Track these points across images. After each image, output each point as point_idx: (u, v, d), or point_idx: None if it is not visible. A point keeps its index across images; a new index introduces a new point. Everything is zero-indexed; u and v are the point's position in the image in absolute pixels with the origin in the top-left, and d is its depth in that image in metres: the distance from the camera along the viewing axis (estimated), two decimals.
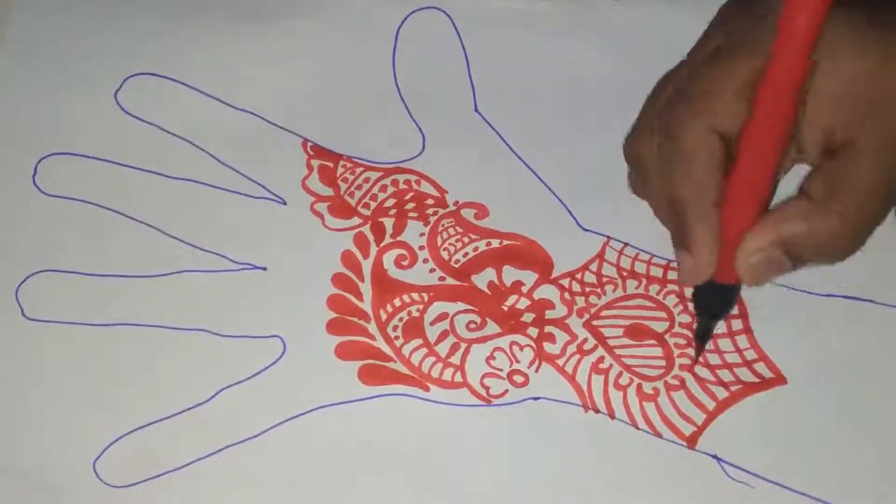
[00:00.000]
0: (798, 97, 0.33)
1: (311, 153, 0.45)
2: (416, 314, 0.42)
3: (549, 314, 0.42)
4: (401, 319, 0.42)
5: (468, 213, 0.44)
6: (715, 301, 0.38)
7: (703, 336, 0.40)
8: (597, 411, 0.41)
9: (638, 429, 0.40)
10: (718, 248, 0.35)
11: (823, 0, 0.31)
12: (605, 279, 0.42)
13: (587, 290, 0.42)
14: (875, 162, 0.34)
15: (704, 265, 0.35)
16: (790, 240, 0.35)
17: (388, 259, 0.43)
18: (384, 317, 0.42)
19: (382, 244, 0.43)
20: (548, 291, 0.42)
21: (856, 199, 0.34)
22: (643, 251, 0.42)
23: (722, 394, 0.40)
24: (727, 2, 0.38)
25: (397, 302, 0.42)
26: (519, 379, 0.41)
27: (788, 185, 0.36)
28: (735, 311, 0.41)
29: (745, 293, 0.41)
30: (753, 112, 0.33)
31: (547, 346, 0.41)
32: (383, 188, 0.44)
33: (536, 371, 0.41)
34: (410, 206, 0.44)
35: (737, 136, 0.34)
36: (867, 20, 0.34)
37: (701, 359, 0.41)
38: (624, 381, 0.41)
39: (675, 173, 0.35)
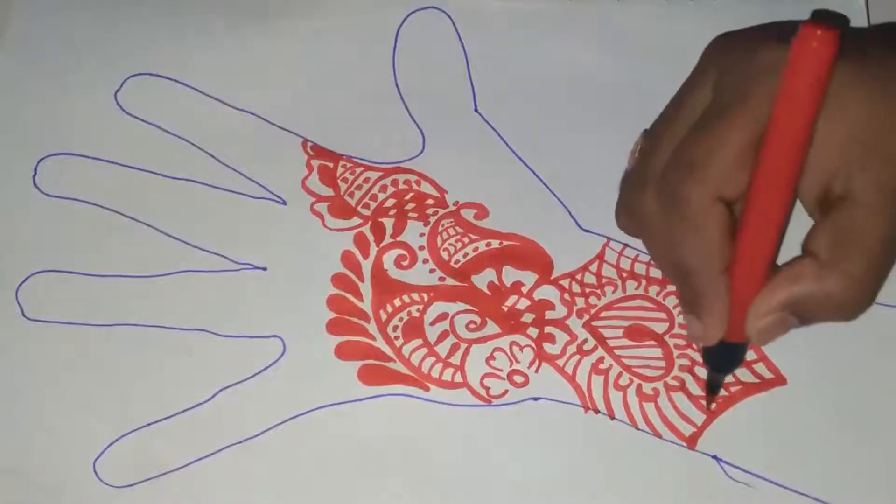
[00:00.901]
0: (802, 159, 0.32)
1: (311, 153, 0.45)
2: (416, 314, 0.42)
3: (548, 315, 0.42)
4: (401, 319, 0.42)
5: (468, 214, 0.44)
6: (724, 357, 0.38)
7: (713, 389, 0.40)
8: (597, 412, 0.41)
9: (638, 429, 0.40)
10: (728, 316, 0.35)
11: (831, 55, 0.30)
12: (604, 280, 0.42)
13: (587, 290, 0.42)
14: (877, 216, 0.33)
15: (714, 332, 0.36)
16: (799, 302, 0.34)
17: (388, 259, 0.43)
18: (384, 317, 0.42)
19: (382, 244, 0.43)
20: (548, 292, 0.42)
21: (863, 256, 0.33)
22: (643, 252, 0.42)
23: (722, 394, 0.40)
24: (711, 43, 0.37)
25: (397, 302, 0.42)
26: (519, 379, 0.41)
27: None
28: None
29: None
30: (756, 175, 0.32)
31: (547, 347, 0.41)
32: (383, 188, 0.44)
33: (536, 371, 0.41)
34: (410, 206, 0.44)
35: (740, 197, 0.34)
36: (868, 69, 0.34)
37: (701, 359, 0.41)
38: (624, 381, 0.41)
39: (682, 242, 0.34)
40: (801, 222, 0.35)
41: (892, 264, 0.35)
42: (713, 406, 0.40)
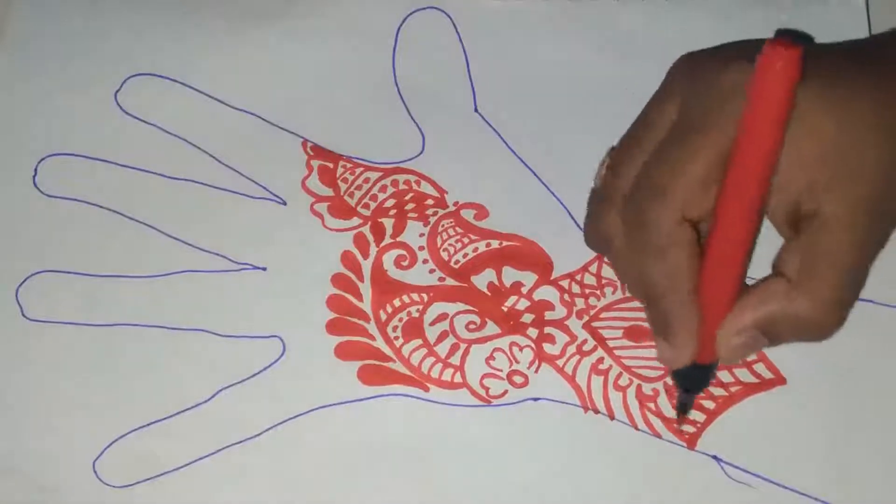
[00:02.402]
0: (768, 179, 0.32)
1: (311, 153, 0.45)
2: (415, 314, 0.42)
3: (548, 315, 0.42)
4: (400, 320, 0.42)
5: (468, 214, 0.44)
6: (694, 377, 0.37)
7: (683, 409, 0.39)
8: (596, 412, 0.40)
9: (638, 429, 0.40)
10: (697, 338, 0.35)
11: (795, 73, 0.30)
12: (604, 281, 0.42)
13: (587, 291, 0.42)
14: (846, 233, 0.33)
15: (684, 355, 0.35)
16: (769, 323, 0.34)
17: (388, 259, 0.43)
18: (384, 317, 0.42)
19: (382, 244, 0.43)
20: (547, 292, 0.42)
21: (832, 278, 0.33)
22: None
23: (721, 394, 0.40)
24: (676, 63, 0.37)
25: (397, 302, 0.42)
26: (518, 379, 0.41)
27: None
28: None
29: None
30: (722, 197, 0.32)
31: (546, 347, 0.41)
32: (383, 188, 0.44)
33: (536, 372, 0.41)
34: (410, 206, 0.44)
35: (706, 217, 0.33)
36: (834, 86, 0.33)
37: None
38: (623, 381, 0.41)
39: (648, 265, 0.34)
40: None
41: (862, 284, 0.34)
42: (684, 426, 0.40)
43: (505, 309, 0.42)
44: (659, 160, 0.34)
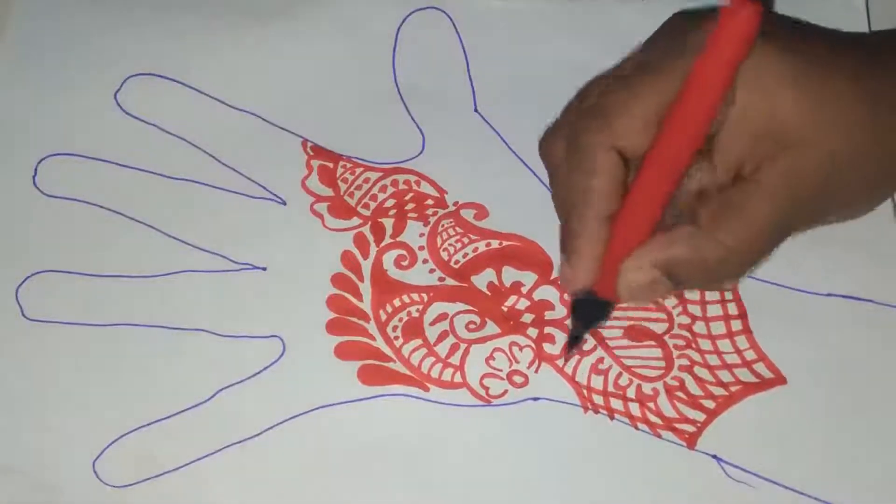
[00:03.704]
0: (707, 122, 0.32)
1: (311, 153, 0.45)
2: (415, 314, 0.42)
3: (548, 315, 0.42)
4: (400, 320, 0.42)
5: (468, 214, 0.44)
6: (590, 311, 0.38)
7: (573, 342, 0.40)
8: (596, 412, 0.41)
9: (637, 429, 0.40)
10: (599, 263, 0.35)
11: (752, 28, 0.30)
12: None
13: None
14: (771, 201, 0.34)
15: (581, 277, 0.36)
16: (671, 263, 0.35)
17: (388, 259, 0.43)
18: (384, 317, 0.42)
19: (382, 244, 0.43)
20: (547, 292, 0.42)
21: (741, 230, 0.34)
22: None
23: (721, 394, 0.40)
24: (669, 18, 0.38)
25: (397, 302, 0.42)
26: (518, 379, 0.41)
27: None
28: (734, 311, 0.41)
29: (744, 293, 0.42)
30: (660, 133, 0.33)
31: (546, 347, 0.41)
32: (383, 188, 0.44)
33: (536, 371, 0.41)
34: (410, 206, 0.44)
35: (639, 157, 0.34)
36: (801, 59, 0.34)
37: (700, 359, 0.41)
38: (623, 381, 0.41)
39: (572, 183, 0.35)
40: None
41: (770, 249, 0.35)
42: (569, 360, 0.41)
43: (505, 309, 0.42)
44: (609, 91, 0.35)
